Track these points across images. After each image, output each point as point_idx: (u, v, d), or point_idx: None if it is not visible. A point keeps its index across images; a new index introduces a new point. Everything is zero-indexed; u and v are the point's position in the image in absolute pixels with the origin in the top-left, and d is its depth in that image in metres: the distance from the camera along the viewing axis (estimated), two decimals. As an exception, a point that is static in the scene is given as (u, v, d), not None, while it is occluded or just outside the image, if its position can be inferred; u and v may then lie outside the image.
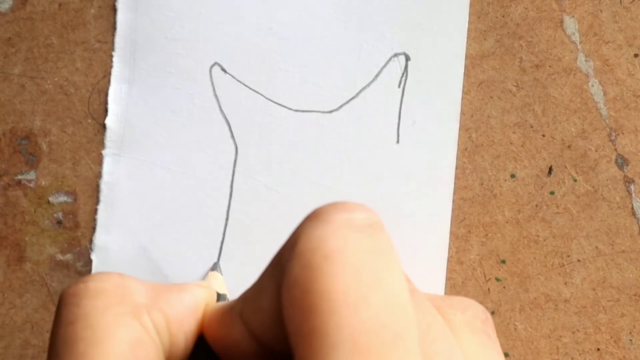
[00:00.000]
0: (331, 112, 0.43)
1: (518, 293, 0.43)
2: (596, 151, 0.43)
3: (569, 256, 0.43)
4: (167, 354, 0.23)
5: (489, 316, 0.24)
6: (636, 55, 0.43)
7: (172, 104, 0.43)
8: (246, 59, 0.43)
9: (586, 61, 0.43)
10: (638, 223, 0.43)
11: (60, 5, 0.43)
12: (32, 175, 0.43)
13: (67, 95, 0.43)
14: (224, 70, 0.43)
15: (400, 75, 0.43)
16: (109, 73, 0.43)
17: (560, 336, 0.42)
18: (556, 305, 0.43)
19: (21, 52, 0.43)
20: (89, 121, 0.43)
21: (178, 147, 0.43)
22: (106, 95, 0.43)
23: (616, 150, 0.43)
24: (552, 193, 0.43)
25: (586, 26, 0.43)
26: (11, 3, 0.43)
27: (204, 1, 0.43)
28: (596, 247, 0.43)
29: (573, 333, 0.42)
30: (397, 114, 0.43)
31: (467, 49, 0.43)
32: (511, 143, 0.43)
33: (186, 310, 0.23)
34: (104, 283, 0.22)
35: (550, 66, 0.43)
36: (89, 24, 0.43)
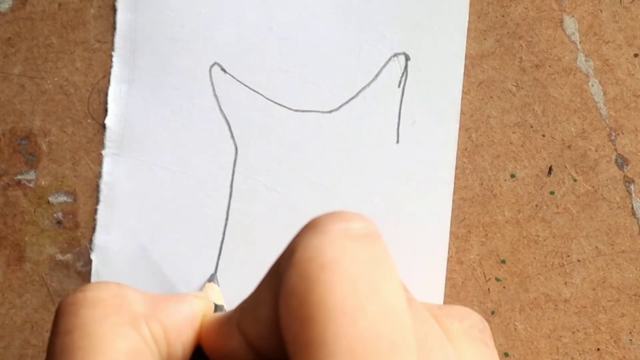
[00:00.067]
0: (331, 112, 0.43)
1: (518, 293, 0.43)
2: (596, 151, 0.43)
3: (569, 256, 0.43)
4: None
5: (487, 325, 0.24)
6: (636, 55, 0.43)
7: (172, 104, 0.43)
8: (246, 59, 0.43)
9: (586, 61, 0.43)
10: (638, 223, 0.43)
11: (60, 5, 0.43)
12: (32, 175, 0.43)
13: (67, 95, 0.43)
14: (224, 70, 0.43)
15: (400, 75, 0.43)
16: (109, 73, 0.43)
17: (560, 336, 0.42)
18: (556, 305, 0.43)
19: (21, 52, 0.43)
20: (89, 121, 0.43)
21: (178, 147, 0.43)
22: (106, 95, 0.43)
23: (616, 150, 0.43)
24: (552, 193, 0.43)
25: (586, 26, 0.43)
26: (11, 3, 0.43)
27: (204, 1, 0.43)
28: (596, 247, 0.43)
29: (573, 333, 0.43)
30: (397, 114, 0.43)
31: (467, 49, 0.43)
32: (511, 143, 0.43)
33: (184, 320, 0.23)
34: (102, 292, 0.22)
35: (550, 66, 0.43)
36: (89, 24, 0.43)
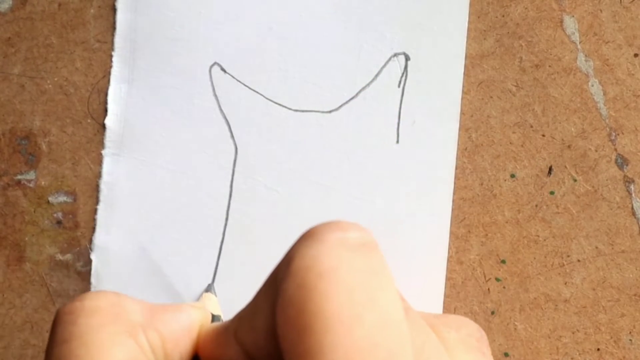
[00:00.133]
0: (331, 112, 0.43)
1: (518, 293, 0.43)
2: (596, 151, 0.43)
3: (569, 256, 0.43)
4: None
5: (484, 334, 0.24)
6: (636, 55, 0.43)
7: (172, 104, 0.43)
8: (246, 59, 0.43)
9: (586, 61, 0.43)
10: (638, 223, 0.43)
11: (60, 5, 0.43)
12: (32, 175, 0.43)
13: (67, 95, 0.43)
14: (224, 70, 0.43)
15: (400, 75, 0.43)
16: (109, 73, 0.43)
17: (560, 336, 0.43)
18: (556, 305, 0.43)
19: (21, 52, 0.43)
20: (89, 121, 0.43)
21: (178, 147, 0.43)
22: (106, 95, 0.43)
23: (616, 150, 0.43)
24: (552, 193, 0.43)
25: (586, 26, 0.43)
26: (11, 3, 0.43)
27: (204, 1, 0.43)
28: (596, 247, 0.43)
29: (573, 333, 0.43)
30: (397, 114, 0.43)
31: (467, 49, 0.43)
32: (511, 143, 0.43)
33: (182, 330, 0.23)
34: (100, 301, 0.22)
35: (550, 66, 0.43)
36: (89, 24, 0.43)
